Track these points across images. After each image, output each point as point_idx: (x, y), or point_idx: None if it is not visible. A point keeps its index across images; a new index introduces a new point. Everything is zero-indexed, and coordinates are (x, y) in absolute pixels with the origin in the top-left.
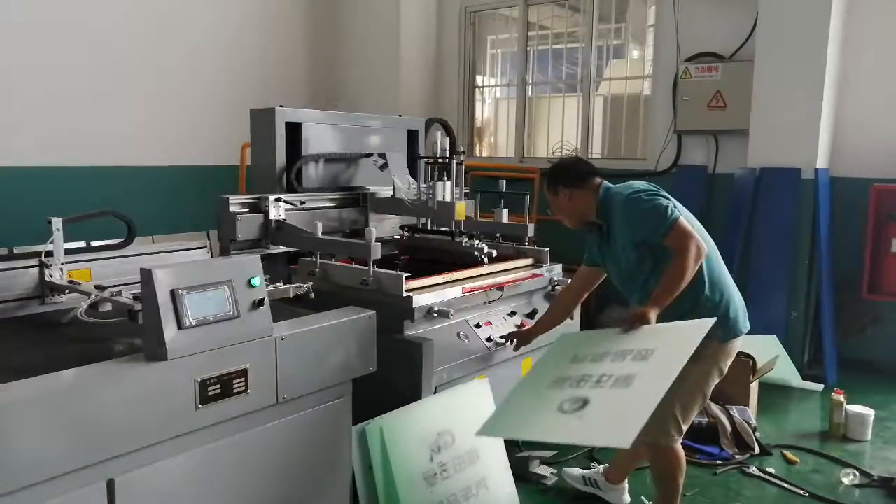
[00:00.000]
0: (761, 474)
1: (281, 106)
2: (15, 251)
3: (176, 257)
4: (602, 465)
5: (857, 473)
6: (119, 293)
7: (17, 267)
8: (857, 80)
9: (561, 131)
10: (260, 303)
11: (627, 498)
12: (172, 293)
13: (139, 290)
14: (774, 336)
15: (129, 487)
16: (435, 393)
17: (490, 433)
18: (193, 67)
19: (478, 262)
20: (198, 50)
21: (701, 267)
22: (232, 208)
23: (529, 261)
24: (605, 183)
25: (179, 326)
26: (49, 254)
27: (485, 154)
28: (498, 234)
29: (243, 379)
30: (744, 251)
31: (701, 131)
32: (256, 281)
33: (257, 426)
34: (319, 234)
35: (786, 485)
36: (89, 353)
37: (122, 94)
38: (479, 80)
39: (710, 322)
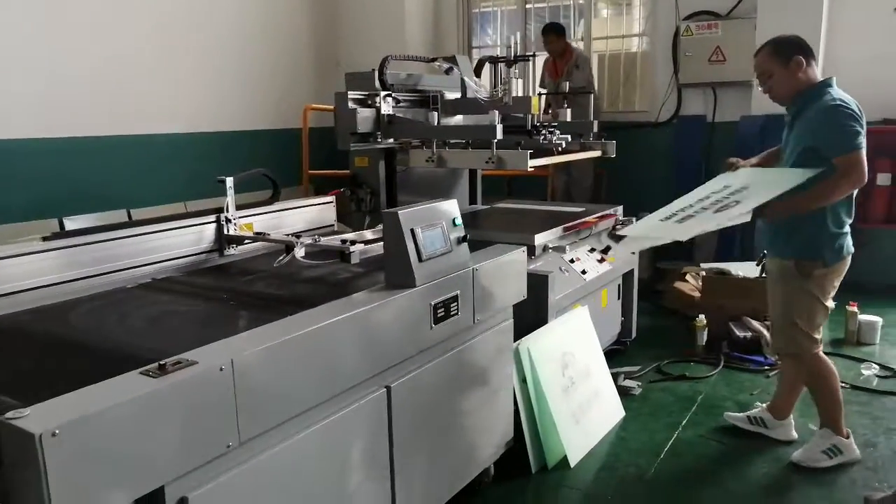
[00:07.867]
0: None
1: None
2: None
3: (309, 211)
4: (764, 403)
5: (877, 366)
6: (317, 238)
7: (198, 223)
8: (844, 31)
9: None
10: (464, 238)
11: (794, 434)
12: (412, 231)
13: (329, 237)
14: None
15: (400, 392)
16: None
17: (636, 232)
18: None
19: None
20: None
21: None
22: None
23: (598, 153)
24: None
25: (419, 259)
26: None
27: None
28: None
29: (456, 304)
30: None
31: (702, 84)
32: (458, 220)
33: (463, 344)
34: (435, 123)
35: None
36: (325, 290)
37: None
38: (474, 41)
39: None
